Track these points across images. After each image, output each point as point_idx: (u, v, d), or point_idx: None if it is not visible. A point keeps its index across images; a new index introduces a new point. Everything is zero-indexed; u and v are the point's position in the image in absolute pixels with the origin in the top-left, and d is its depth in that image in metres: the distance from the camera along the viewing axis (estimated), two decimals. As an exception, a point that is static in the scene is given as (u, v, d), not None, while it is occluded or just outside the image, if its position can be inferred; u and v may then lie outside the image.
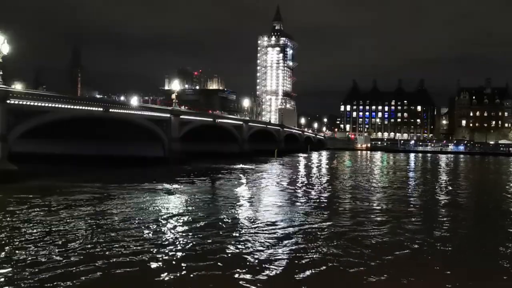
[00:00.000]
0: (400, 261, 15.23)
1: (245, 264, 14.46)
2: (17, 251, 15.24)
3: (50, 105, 38.35)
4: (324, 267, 14.38)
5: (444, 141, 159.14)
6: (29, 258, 14.42)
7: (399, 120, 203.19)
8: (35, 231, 18.22)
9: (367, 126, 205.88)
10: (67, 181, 34.43)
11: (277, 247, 16.59)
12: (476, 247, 17.85)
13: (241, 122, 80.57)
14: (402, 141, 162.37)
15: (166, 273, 13.46)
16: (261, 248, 16.48)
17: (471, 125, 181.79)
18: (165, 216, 22.23)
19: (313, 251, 16.21)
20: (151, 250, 15.84)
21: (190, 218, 21.87)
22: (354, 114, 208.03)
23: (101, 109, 44.50)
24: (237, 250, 16.07)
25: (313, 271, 14.00)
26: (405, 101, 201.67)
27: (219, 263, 14.46)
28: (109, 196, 27.73)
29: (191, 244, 16.81)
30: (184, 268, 14.00)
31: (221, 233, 18.67)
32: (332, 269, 14.27)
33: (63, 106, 39.62)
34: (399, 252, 16.32)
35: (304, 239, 17.91)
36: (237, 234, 18.61)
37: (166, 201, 27.20)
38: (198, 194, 29.99)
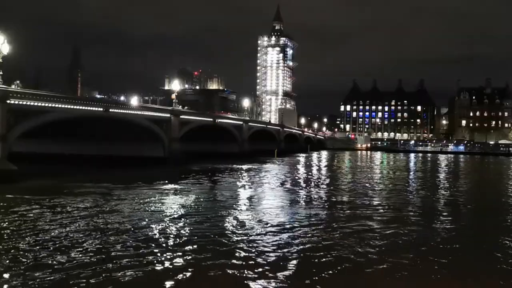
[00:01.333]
0: (400, 261, 15.23)
1: (245, 264, 14.49)
2: (16, 252, 15.25)
3: (50, 105, 38.36)
4: (324, 267, 14.40)
5: (444, 141, 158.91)
6: (29, 259, 14.43)
7: (399, 120, 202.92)
8: (34, 231, 18.22)
9: (367, 126, 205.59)
10: (67, 181, 34.45)
11: (277, 246, 16.61)
12: (475, 247, 17.87)
13: (241, 122, 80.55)
14: (402, 141, 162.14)
15: (167, 273, 13.49)
16: (262, 247, 16.50)
17: (471, 125, 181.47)
18: (165, 217, 22.25)
19: (314, 251, 16.23)
20: (152, 250, 15.85)
21: (190, 218, 21.89)
22: (354, 114, 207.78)
23: (101, 109, 44.53)
24: (238, 250, 16.10)
25: (313, 271, 14.03)
26: (405, 101, 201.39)
27: (219, 262, 14.48)
28: (109, 197, 27.74)
29: (192, 243, 16.82)
30: (184, 267, 14.03)
31: (221, 233, 18.69)
32: (332, 268, 14.29)
33: (63, 106, 39.63)
34: (399, 252, 16.34)
35: (304, 239, 17.94)
36: (238, 234, 18.63)
37: (166, 201, 27.20)
38: (198, 195, 30.01)
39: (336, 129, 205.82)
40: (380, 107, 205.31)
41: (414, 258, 15.61)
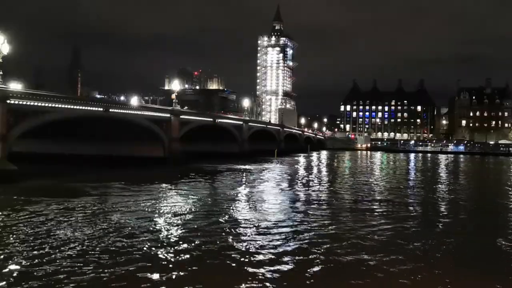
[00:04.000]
0: (400, 261, 15.23)
1: (245, 264, 14.50)
2: (16, 251, 15.26)
3: (50, 105, 38.38)
4: (323, 267, 14.42)
5: (444, 141, 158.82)
6: (29, 258, 14.44)
7: (399, 120, 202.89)
8: (34, 231, 18.22)
9: (367, 126, 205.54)
10: (67, 181, 34.48)
11: (277, 246, 16.62)
12: (475, 246, 17.87)
13: (241, 122, 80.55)
14: (402, 141, 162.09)
15: (167, 274, 13.49)
16: (261, 247, 16.51)
17: (471, 125, 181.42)
18: (165, 217, 22.27)
19: (313, 251, 16.24)
20: (152, 250, 15.87)
21: (190, 218, 21.91)
22: (354, 114, 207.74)
23: (101, 109, 44.55)
24: (238, 250, 16.10)
25: (312, 271, 14.04)
26: (405, 101, 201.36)
27: (219, 262, 14.50)
28: (108, 197, 27.76)
29: (192, 243, 16.83)
30: (185, 268, 14.03)
31: (221, 233, 18.71)
32: (331, 268, 14.30)
33: (63, 106, 39.66)
34: (399, 252, 16.35)
35: (304, 239, 17.95)
36: (237, 234, 18.65)
37: (166, 201, 27.21)
38: (198, 195, 30.01)
39: (336, 129, 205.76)
40: (380, 107, 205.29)
41: (415, 258, 15.61)
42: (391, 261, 15.16)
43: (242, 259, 15.08)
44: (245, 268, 14.14)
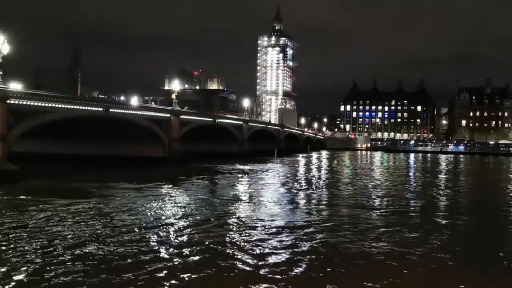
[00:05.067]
0: (398, 261, 15.24)
1: (244, 263, 14.51)
2: (15, 251, 15.25)
3: (50, 105, 38.38)
4: (322, 266, 14.42)
5: (444, 141, 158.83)
6: (28, 258, 14.45)
7: (399, 120, 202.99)
8: (34, 231, 18.22)
9: (367, 126, 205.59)
10: (67, 181, 34.48)
11: (277, 246, 16.62)
12: (475, 247, 17.87)
13: (241, 122, 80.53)
14: (402, 141, 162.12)
15: (166, 275, 13.50)
16: (261, 246, 16.51)
17: (471, 125, 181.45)
18: (165, 217, 22.28)
19: (313, 250, 16.25)
20: (151, 250, 15.87)
21: (190, 218, 21.92)
22: (354, 114, 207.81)
23: (101, 109, 44.56)
24: (238, 251, 16.11)
25: (311, 270, 14.04)
26: (405, 101, 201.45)
27: (219, 262, 14.50)
28: (109, 197, 27.75)
29: (192, 244, 16.84)
30: (185, 268, 14.04)
31: (220, 232, 18.72)
32: (330, 268, 14.29)
33: (63, 106, 39.66)
34: (397, 251, 16.35)
35: (304, 239, 17.95)
36: (238, 235, 18.65)
37: (166, 202, 27.21)
38: (197, 195, 30.02)
39: (336, 129, 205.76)
40: (380, 107, 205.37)
41: (415, 258, 15.62)
42: (389, 260, 15.15)
43: (241, 259, 15.07)
44: (243, 266, 14.15)
